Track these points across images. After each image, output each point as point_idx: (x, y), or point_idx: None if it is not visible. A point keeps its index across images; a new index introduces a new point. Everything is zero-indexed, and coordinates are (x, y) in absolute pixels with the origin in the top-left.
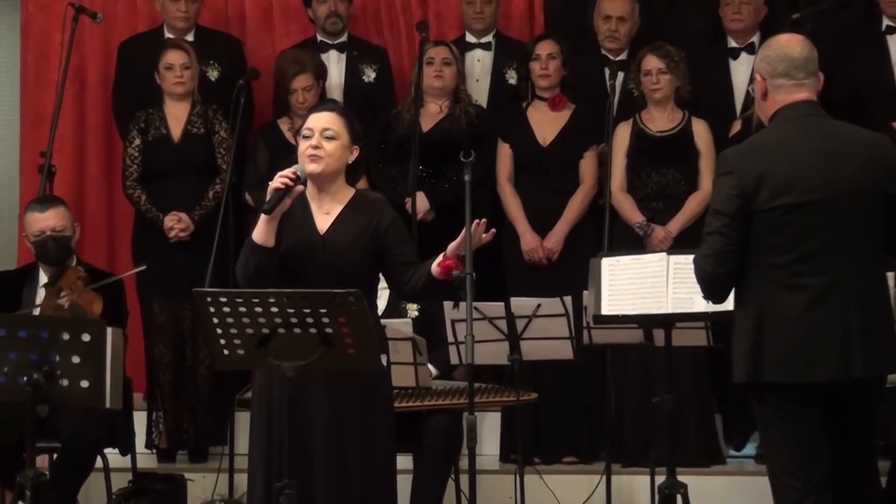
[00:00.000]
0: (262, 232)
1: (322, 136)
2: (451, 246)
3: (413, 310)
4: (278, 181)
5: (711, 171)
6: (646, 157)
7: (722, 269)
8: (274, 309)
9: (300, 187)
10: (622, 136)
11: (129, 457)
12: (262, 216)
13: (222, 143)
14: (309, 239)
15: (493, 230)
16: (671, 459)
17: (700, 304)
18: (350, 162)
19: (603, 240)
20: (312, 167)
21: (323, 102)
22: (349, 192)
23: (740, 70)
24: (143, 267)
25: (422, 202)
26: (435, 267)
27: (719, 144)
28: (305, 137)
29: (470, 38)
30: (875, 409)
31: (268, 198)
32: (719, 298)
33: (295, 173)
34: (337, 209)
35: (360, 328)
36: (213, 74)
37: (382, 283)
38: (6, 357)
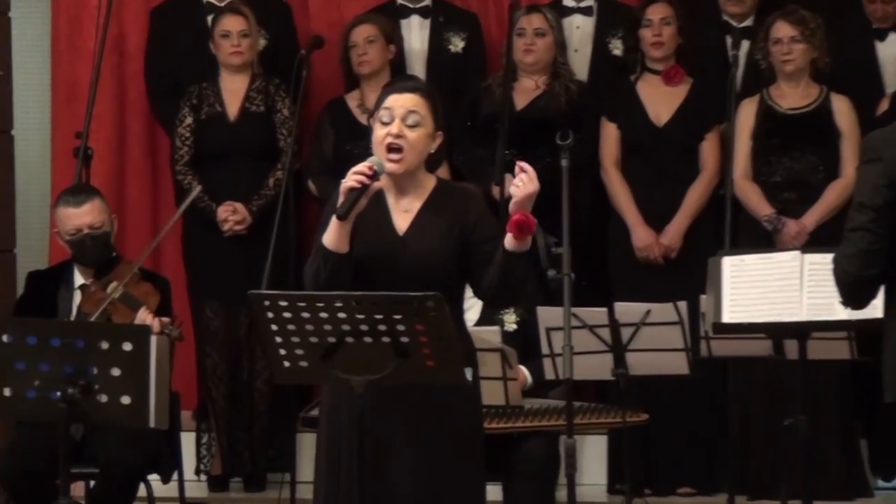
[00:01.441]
0: (334, 236)
1: (404, 123)
2: (513, 190)
3: (511, 322)
4: (352, 180)
5: (855, 156)
6: (776, 139)
7: (867, 271)
8: (341, 315)
9: (378, 184)
10: (747, 114)
11: (175, 484)
12: (334, 219)
13: (285, 122)
14: (387, 242)
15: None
16: (808, 492)
17: (842, 311)
18: (432, 151)
19: (724, 236)
20: (392, 167)
21: (402, 79)
22: (430, 183)
23: (889, 45)
24: (199, 188)
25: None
26: (508, 239)
27: (864, 126)
28: (383, 123)
29: (568, 1)
30: None
31: (340, 199)
32: (860, 305)
33: (371, 168)
34: (417, 205)
35: (441, 336)
36: (261, 43)
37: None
38: (37, 369)
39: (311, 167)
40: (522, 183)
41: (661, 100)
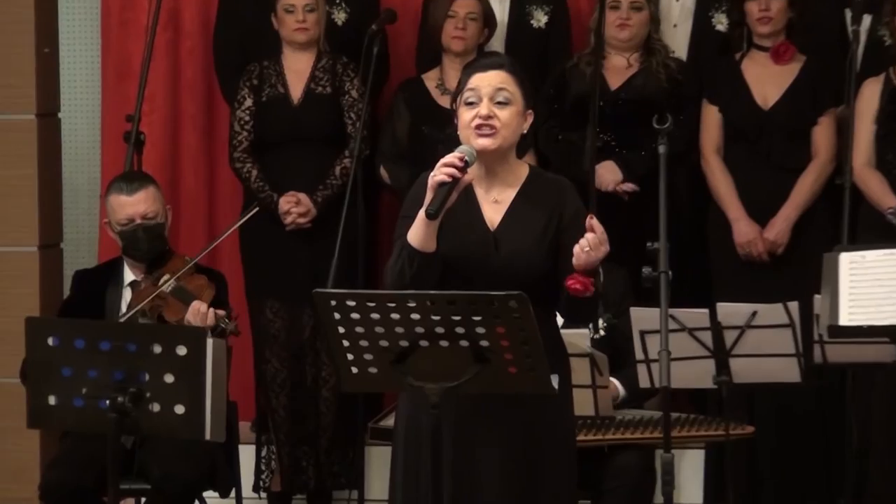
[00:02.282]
0: (421, 234)
1: (493, 103)
2: (577, 252)
3: (600, 328)
4: (442, 173)
5: None
6: None
7: None
8: (415, 315)
9: (468, 177)
10: (870, 95)
11: (233, 502)
12: (421, 216)
13: (353, 105)
14: (477, 238)
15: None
16: None
17: None
18: (524, 132)
19: (842, 229)
20: (485, 142)
21: (485, 56)
22: (523, 171)
23: None
24: (256, 209)
25: (612, 172)
26: (566, 281)
27: None
28: (469, 104)
29: None
30: None
31: (429, 196)
32: None
33: (463, 159)
34: (509, 196)
35: (525, 340)
36: (340, 17)
37: None
38: (85, 375)
39: (384, 152)
40: (590, 246)
41: (768, 80)
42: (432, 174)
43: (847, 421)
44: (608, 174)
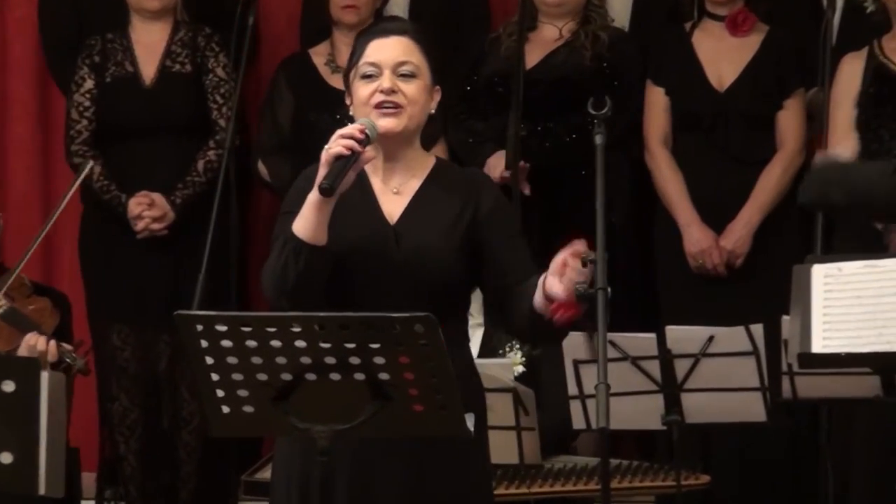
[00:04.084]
0: (310, 222)
1: (397, 76)
2: (552, 273)
3: (516, 362)
4: (339, 145)
5: None
6: (890, 108)
7: None
8: (300, 343)
9: (370, 153)
10: (850, 75)
11: None
12: (313, 198)
13: (219, 86)
14: (373, 232)
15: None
16: None
17: None
18: (432, 111)
19: (815, 236)
20: (389, 122)
21: (384, 21)
22: (428, 162)
23: None
24: (91, 165)
25: (501, 162)
26: (540, 300)
27: None
28: (367, 77)
29: None
30: None
31: (323, 170)
32: None
33: (363, 131)
34: (412, 186)
35: (433, 372)
36: None
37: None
38: None
39: (262, 144)
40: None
41: (724, 55)
42: (327, 147)
43: (821, 467)
44: (496, 164)
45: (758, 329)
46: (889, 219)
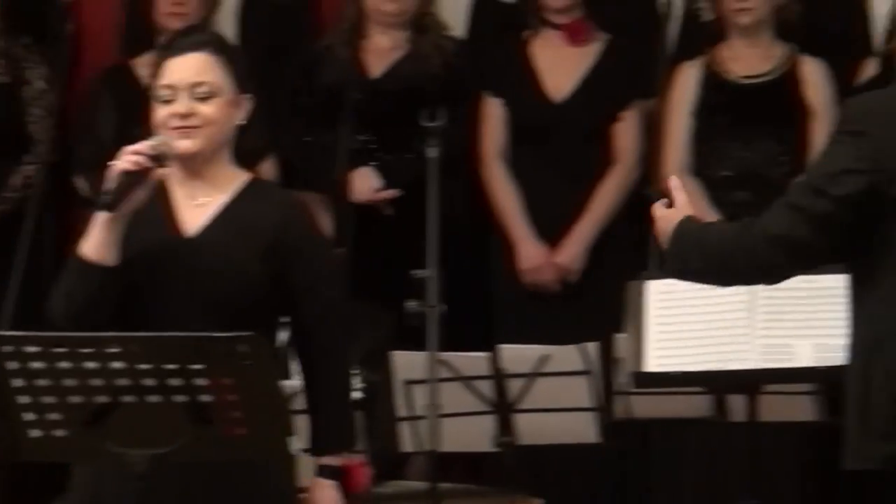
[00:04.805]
0: (97, 242)
1: (193, 98)
2: None
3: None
4: (126, 161)
5: None
6: (725, 118)
7: (789, 271)
8: (117, 364)
9: (162, 172)
10: (685, 85)
11: None
12: (100, 217)
13: (38, 99)
14: (165, 243)
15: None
16: None
17: (805, 356)
18: (241, 122)
19: (650, 252)
20: (185, 144)
21: (182, 36)
22: (240, 178)
23: None
24: None
25: (366, 180)
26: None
27: (845, 99)
28: (165, 102)
29: None
30: None
31: (108, 186)
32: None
33: (155, 148)
34: (218, 200)
35: (258, 394)
36: None
37: None
38: None
39: (82, 158)
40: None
41: (561, 65)
42: (113, 162)
43: (652, 488)
44: (363, 182)
45: (592, 348)
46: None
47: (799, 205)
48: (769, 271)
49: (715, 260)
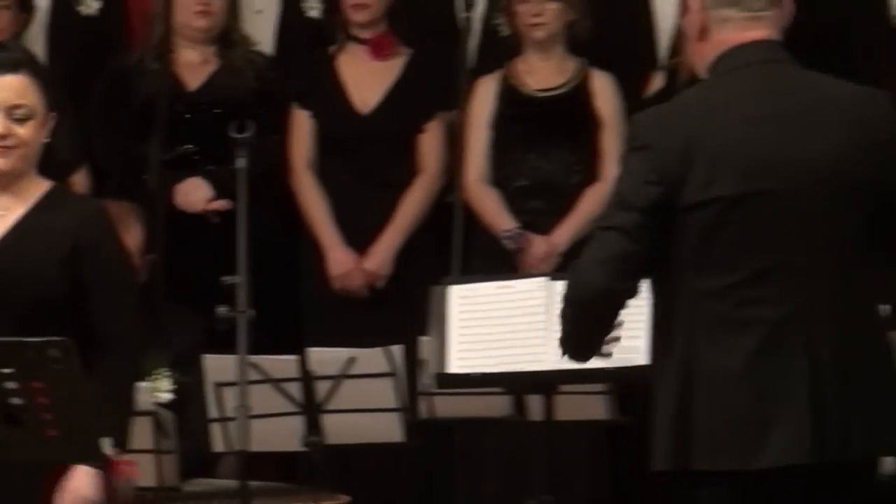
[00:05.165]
0: None
1: (10, 119)
2: None
3: (163, 390)
4: None
5: (618, 152)
6: (521, 129)
7: (619, 284)
8: None
9: None
10: (484, 97)
11: None
12: None
13: None
14: None
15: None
16: None
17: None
18: (46, 139)
19: (453, 257)
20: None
21: None
22: (41, 186)
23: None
24: None
25: (199, 190)
26: None
27: (632, 111)
28: None
29: None
30: None
31: None
32: (592, 330)
33: None
34: (19, 210)
35: (68, 396)
36: None
37: None
38: None
39: None
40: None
41: (367, 79)
42: None
43: (456, 485)
44: (195, 192)
45: (397, 350)
46: (609, 310)
47: (612, 224)
48: (615, 294)
49: (568, 311)
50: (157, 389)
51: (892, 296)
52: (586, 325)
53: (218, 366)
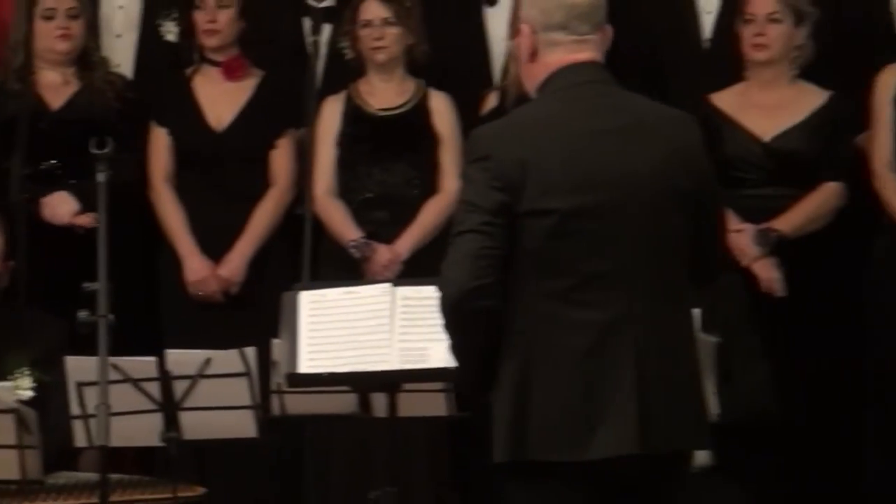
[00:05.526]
0: None
1: None
2: None
3: (25, 388)
4: None
5: (456, 166)
6: (365, 146)
7: (478, 280)
8: None
9: None
10: (330, 116)
11: None
12: None
13: None
14: None
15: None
16: None
17: (438, 357)
18: None
19: (303, 266)
20: None
21: None
22: None
23: (499, 20)
24: None
25: (66, 204)
26: None
27: (469, 128)
28: None
29: None
30: (674, 498)
31: None
32: (473, 334)
33: None
34: None
35: None
36: None
37: None
38: None
39: None
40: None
41: (221, 99)
42: None
43: (305, 480)
44: (62, 206)
45: (251, 352)
46: (476, 306)
47: (464, 228)
48: (477, 290)
49: (445, 320)
50: (19, 388)
51: (703, 300)
52: (461, 324)
53: (79, 366)
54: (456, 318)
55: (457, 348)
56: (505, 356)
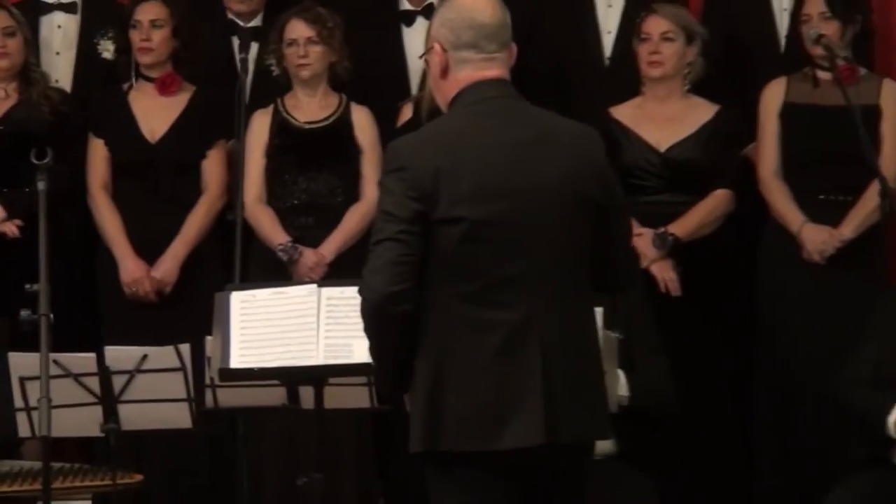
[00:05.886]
0: None
1: None
2: None
3: None
4: None
5: (376, 175)
6: (291, 156)
7: (396, 286)
8: None
9: None
10: (259, 128)
11: None
12: None
13: None
14: None
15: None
16: None
17: (361, 353)
18: None
19: (234, 268)
20: None
21: None
22: None
23: (416, 39)
24: None
25: None
26: None
27: (388, 139)
28: None
29: None
30: (580, 484)
31: None
32: (392, 336)
33: None
34: None
35: None
36: None
37: None
38: None
39: None
40: None
41: (155, 112)
42: None
43: (238, 468)
44: None
45: (185, 348)
46: (395, 310)
47: (382, 237)
48: (395, 295)
49: (365, 324)
50: None
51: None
52: (382, 327)
53: (22, 362)
54: (376, 321)
55: (376, 350)
56: (420, 356)
